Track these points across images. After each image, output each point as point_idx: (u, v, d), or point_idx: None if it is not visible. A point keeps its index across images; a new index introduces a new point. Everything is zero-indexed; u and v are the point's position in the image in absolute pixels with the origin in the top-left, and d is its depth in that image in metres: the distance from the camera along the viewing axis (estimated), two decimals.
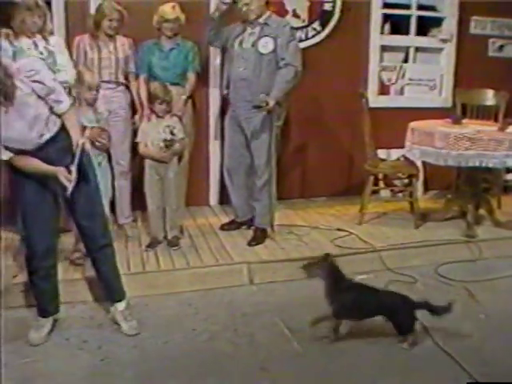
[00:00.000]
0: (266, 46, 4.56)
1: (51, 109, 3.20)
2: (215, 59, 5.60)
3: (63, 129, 3.28)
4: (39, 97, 3.12)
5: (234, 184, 5.01)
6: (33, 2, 4.39)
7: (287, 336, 3.61)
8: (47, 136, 3.23)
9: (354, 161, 6.02)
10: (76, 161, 3.18)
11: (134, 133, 4.87)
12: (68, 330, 3.71)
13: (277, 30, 4.57)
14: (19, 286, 4.00)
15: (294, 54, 4.58)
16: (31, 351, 3.47)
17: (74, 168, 3.17)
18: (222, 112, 5.45)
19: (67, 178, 3.15)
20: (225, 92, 4.91)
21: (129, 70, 4.95)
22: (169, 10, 4.83)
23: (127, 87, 4.99)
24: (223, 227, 5.15)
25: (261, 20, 4.61)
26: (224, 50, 5.00)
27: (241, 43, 4.67)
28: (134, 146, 4.87)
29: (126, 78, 4.97)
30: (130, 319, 3.70)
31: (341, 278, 3.54)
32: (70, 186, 3.17)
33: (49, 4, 4.96)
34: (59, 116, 3.26)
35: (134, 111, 5.03)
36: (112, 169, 4.65)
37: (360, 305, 3.53)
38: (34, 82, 3.06)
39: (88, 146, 3.24)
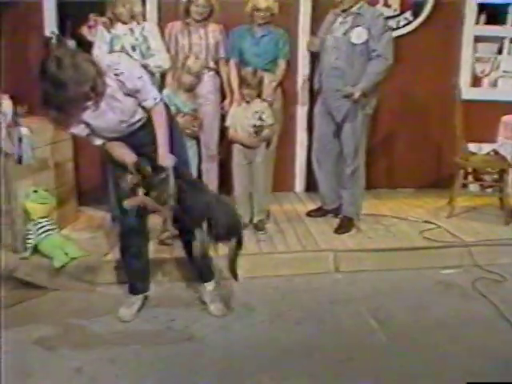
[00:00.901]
0: (359, 36, 4.47)
1: (139, 103, 3.25)
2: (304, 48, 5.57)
3: None
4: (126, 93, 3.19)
5: (322, 172, 4.99)
6: None
7: (373, 326, 3.57)
8: (137, 125, 3.30)
9: (442, 153, 5.88)
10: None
11: (223, 117, 4.91)
12: (156, 308, 3.79)
13: (370, 21, 4.48)
14: (111, 264, 4.12)
15: (386, 45, 4.48)
16: (122, 326, 3.57)
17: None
18: (311, 100, 5.43)
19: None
20: (316, 85, 4.85)
21: (219, 55, 5.01)
22: (261, 0, 4.84)
23: (217, 72, 5.04)
24: (310, 214, 5.14)
25: (354, 9, 4.53)
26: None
27: (332, 32, 4.61)
28: (222, 131, 4.93)
29: (217, 64, 5.03)
30: (218, 300, 3.75)
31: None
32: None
33: None
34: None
35: (223, 96, 5.08)
36: (199, 153, 4.69)
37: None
38: (119, 80, 3.12)
39: (171, 163, 3.25)
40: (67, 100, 2.90)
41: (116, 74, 3.09)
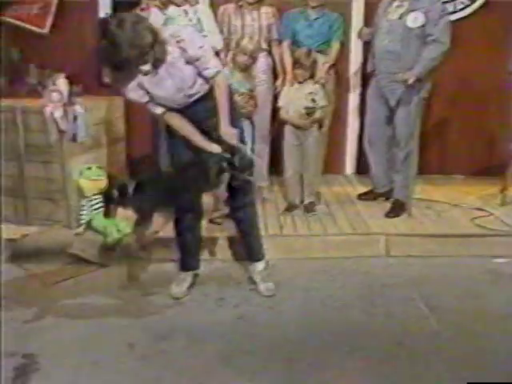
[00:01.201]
0: (415, 20, 4.39)
1: (199, 73, 3.27)
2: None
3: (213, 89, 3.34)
4: (187, 61, 3.23)
5: (374, 155, 4.94)
6: None
7: (424, 312, 3.53)
8: (195, 96, 3.32)
9: (496, 140, 5.73)
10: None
11: (275, 98, 4.92)
12: (207, 286, 3.82)
13: (428, 5, 4.39)
14: (161, 242, 4.15)
15: (443, 30, 4.40)
16: (172, 303, 3.61)
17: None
18: (364, 83, 5.39)
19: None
20: (370, 68, 4.81)
21: (271, 37, 5.02)
22: None
23: (269, 53, 5.06)
24: (360, 197, 5.11)
25: None
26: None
27: (387, 16, 4.53)
28: (274, 111, 4.94)
29: (269, 45, 5.04)
30: (267, 280, 3.76)
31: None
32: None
33: None
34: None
35: (275, 77, 5.09)
36: (253, 134, 4.69)
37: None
38: (180, 48, 3.17)
39: (236, 137, 3.31)
40: (122, 60, 2.97)
41: (178, 42, 3.14)
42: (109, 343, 3.19)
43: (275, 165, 5.01)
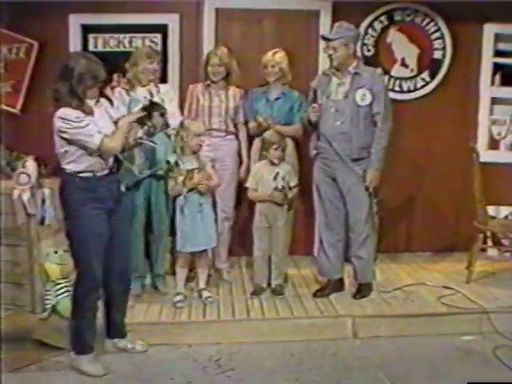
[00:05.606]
0: (364, 98, 4.36)
1: None
2: None
3: None
4: None
5: (331, 238, 4.73)
6: (152, 50, 4.69)
7: None
8: None
9: (460, 216, 5.82)
10: None
11: (240, 183, 4.99)
12: (173, 370, 3.77)
13: (371, 80, 4.38)
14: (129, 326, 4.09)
15: (388, 108, 4.40)
16: None
17: None
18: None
19: None
20: (314, 151, 4.64)
21: (237, 119, 5.03)
22: (268, 56, 4.92)
23: (236, 136, 5.07)
24: (316, 294, 4.74)
25: (350, 69, 4.42)
26: None
27: (329, 96, 4.49)
28: (239, 194, 5.03)
29: (236, 127, 5.06)
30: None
31: None
32: None
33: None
34: None
35: (241, 160, 5.09)
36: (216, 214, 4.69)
37: None
38: None
39: None
40: None
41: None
42: None
43: (240, 246, 4.99)
